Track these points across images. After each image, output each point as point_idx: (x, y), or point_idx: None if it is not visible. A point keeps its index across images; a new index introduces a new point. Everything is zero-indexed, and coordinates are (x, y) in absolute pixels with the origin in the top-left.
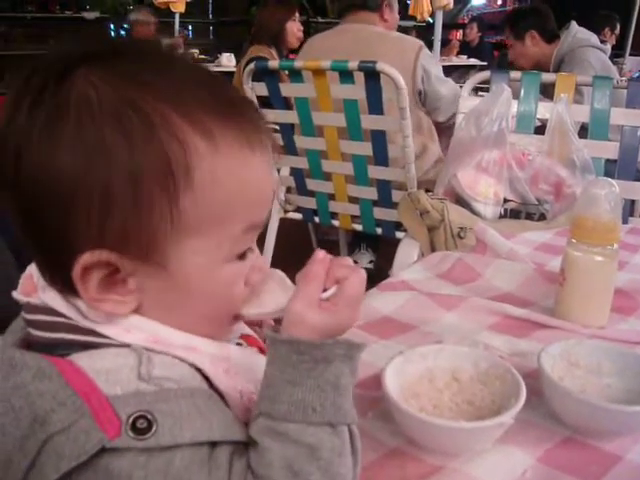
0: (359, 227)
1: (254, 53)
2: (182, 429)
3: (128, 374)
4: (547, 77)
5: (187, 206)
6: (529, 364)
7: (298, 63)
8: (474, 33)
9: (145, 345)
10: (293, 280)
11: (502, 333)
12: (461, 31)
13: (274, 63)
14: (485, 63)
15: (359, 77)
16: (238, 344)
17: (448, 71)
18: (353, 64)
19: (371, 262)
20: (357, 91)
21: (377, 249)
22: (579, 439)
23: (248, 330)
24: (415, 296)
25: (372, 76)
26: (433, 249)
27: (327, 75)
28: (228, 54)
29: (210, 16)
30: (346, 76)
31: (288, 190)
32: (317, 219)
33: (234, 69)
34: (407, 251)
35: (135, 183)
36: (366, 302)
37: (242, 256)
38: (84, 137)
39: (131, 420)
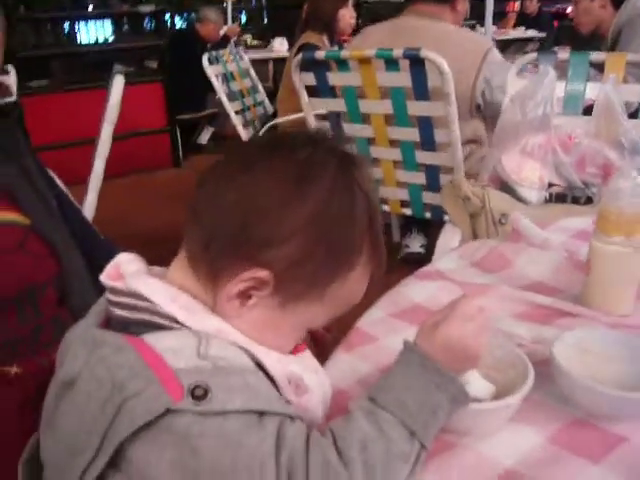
0: (409, 211)
1: (305, 40)
2: (232, 398)
3: (190, 352)
4: (596, 57)
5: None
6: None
7: (344, 53)
8: (534, 4)
9: (209, 332)
10: None
11: (525, 321)
12: (519, 2)
13: (320, 54)
14: (544, 34)
15: (404, 65)
16: None
17: (504, 45)
18: (398, 52)
19: (422, 246)
20: (403, 78)
21: (428, 233)
22: (590, 421)
23: None
24: (446, 284)
25: (417, 63)
26: (475, 236)
27: (373, 63)
28: (280, 39)
29: (263, 1)
30: (391, 64)
31: None
32: None
33: (287, 54)
34: (448, 237)
35: (342, 254)
36: (399, 290)
37: None
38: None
39: (191, 388)
